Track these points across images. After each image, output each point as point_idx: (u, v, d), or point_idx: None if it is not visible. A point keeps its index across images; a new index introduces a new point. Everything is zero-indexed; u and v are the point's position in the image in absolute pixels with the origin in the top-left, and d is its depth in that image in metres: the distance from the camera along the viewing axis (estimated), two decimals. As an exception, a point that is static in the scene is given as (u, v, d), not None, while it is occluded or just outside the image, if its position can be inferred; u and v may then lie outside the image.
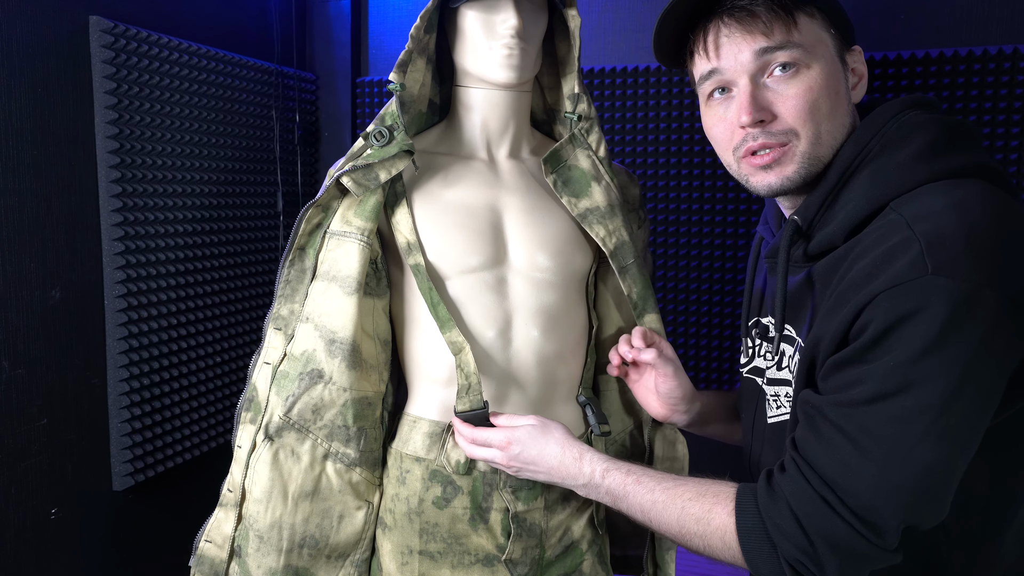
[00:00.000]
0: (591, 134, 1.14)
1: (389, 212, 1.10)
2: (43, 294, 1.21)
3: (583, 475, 0.96)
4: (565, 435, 1.01)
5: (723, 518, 0.83)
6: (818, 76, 0.85)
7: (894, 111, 0.85)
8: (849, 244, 0.82)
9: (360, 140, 1.08)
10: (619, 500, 0.93)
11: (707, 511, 0.84)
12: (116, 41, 1.26)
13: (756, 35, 0.86)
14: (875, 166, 0.83)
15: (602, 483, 0.95)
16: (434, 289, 1.06)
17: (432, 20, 1.09)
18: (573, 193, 1.11)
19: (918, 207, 0.77)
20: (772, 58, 0.86)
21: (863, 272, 0.77)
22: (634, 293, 1.11)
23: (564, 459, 0.98)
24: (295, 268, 1.09)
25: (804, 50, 0.86)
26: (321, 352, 1.05)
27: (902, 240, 0.75)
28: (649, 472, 0.93)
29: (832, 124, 0.86)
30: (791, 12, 0.86)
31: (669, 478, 0.91)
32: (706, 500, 0.85)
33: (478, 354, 1.08)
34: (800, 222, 0.88)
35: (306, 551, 1.07)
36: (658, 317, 1.14)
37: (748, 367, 1.03)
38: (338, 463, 1.08)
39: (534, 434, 1.01)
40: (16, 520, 1.19)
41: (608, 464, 0.96)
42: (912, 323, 0.71)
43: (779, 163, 0.87)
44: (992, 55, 1.35)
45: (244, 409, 1.10)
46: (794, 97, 0.85)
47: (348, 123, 1.81)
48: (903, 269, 0.73)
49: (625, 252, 1.11)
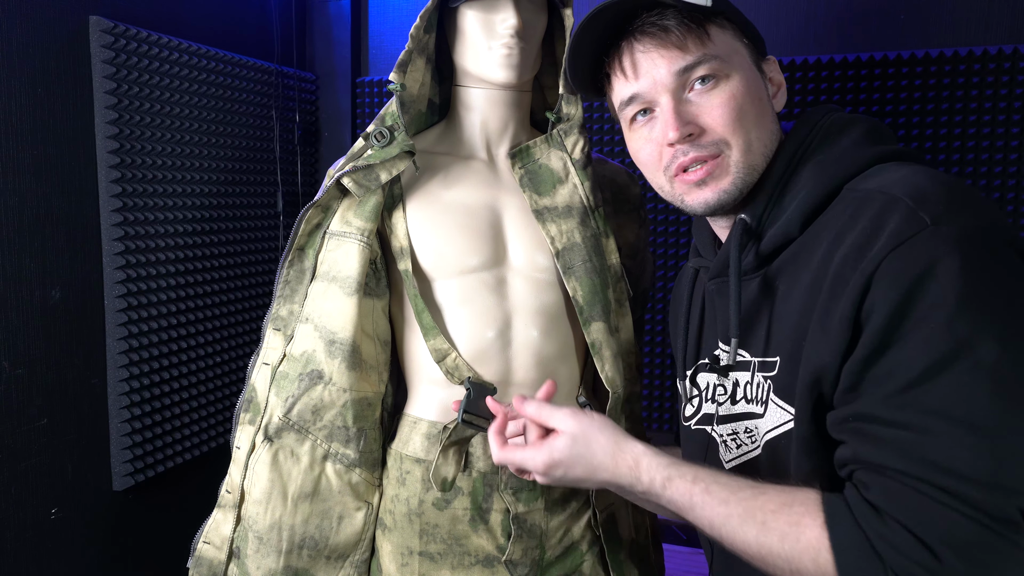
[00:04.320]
0: (569, 136, 1.12)
1: (387, 214, 1.10)
2: (43, 294, 1.21)
3: (641, 483, 0.82)
4: (612, 437, 0.85)
5: (814, 532, 0.69)
6: (739, 84, 0.84)
7: (823, 112, 0.87)
8: (812, 230, 0.78)
9: (360, 140, 1.08)
10: (686, 512, 0.79)
11: (794, 525, 0.70)
12: (116, 41, 1.26)
13: (672, 51, 0.84)
14: (819, 155, 0.82)
15: (663, 494, 0.80)
16: (419, 296, 1.06)
17: (432, 20, 1.09)
18: (536, 190, 1.10)
19: (881, 180, 0.75)
20: (691, 73, 0.84)
21: (855, 246, 0.71)
22: (579, 297, 1.08)
23: (618, 470, 0.83)
24: (294, 268, 1.09)
25: (721, 60, 0.84)
26: (321, 353, 1.05)
27: (886, 203, 0.71)
28: (720, 478, 0.78)
29: (760, 131, 0.85)
30: (702, 24, 0.84)
31: (746, 485, 0.76)
32: (793, 512, 0.71)
33: (478, 354, 1.08)
34: (749, 220, 0.84)
35: (306, 552, 1.07)
36: (605, 327, 1.08)
37: (696, 418, 0.93)
38: (337, 464, 1.08)
39: (576, 449, 0.86)
40: (16, 520, 1.19)
41: (670, 471, 0.80)
42: (933, 280, 0.66)
43: (714, 176, 0.84)
44: (992, 55, 1.35)
45: (243, 410, 1.10)
46: (719, 107, 0.83)
47: (348, 123, 1.81)
48: (900, 226, 0.68)
49: (573, 255, 1.08)
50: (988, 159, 1.37)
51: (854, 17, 1.48)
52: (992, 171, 1.37)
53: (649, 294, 1.37)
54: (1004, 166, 1.36)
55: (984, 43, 1.39)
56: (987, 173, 1.37)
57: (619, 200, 1.22)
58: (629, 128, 0.92)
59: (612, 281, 1.12)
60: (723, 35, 0.86)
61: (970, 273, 0.65)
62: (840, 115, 0.86)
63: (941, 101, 1.38)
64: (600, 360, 1.08)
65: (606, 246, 1.13)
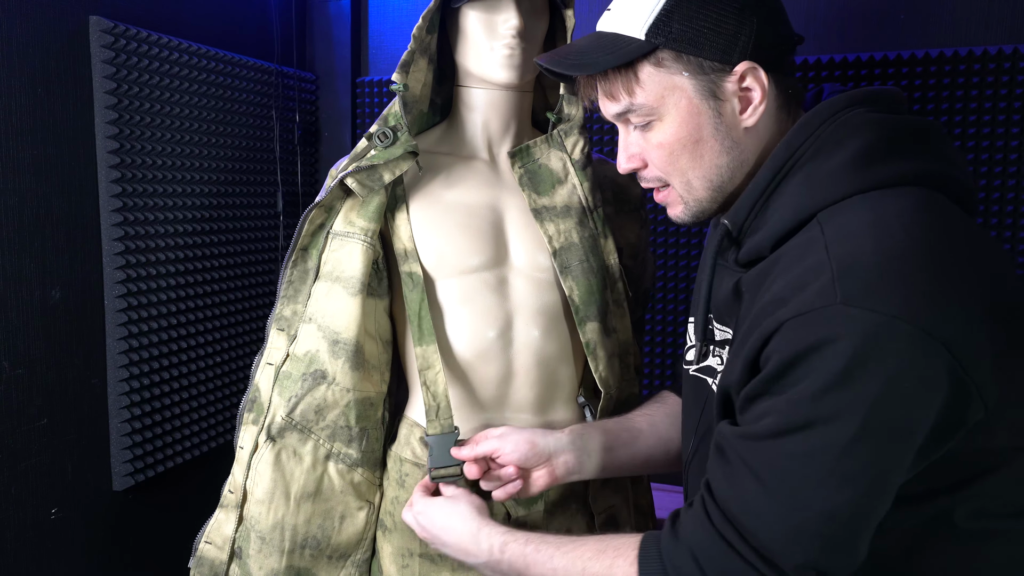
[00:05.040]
0: (569, 136, 1.12)
1: (389, 216, 1.10)
2: (43, 294, 1.21)
3: (482, 552, 0.91)
4: (472, 509, 0.96)
5: (625, 570, 0.78)
6: (671, 127, 0.82)
7: (834, 110, 0.79)
8: (775, 255, 0.78)
9: (363, 141, 1.08)
10: (523, 572, 0.87)
11: (608, 567, 0.79)
12: (116, 41, 1.26)
13: (605, 100, 0.86)
14: (806, 171, 0.78)
15: (502, 558, 0.89)
16: (424, 301, 1.06)
17: (434, 20, 1.09)
18: (535, 190, 1.11)
19: (840, 224, 0.72)
20: (626, 117, 0.86)
21: (776, 296, 0.72)
22: (575, 296, 1.09)
23: (462, 535, 0.94)
24: (298, 269, 1.09)
25: (649, 108, 0.83)
26: (324, 353, 1.05)
27: (815, 263, 0.70)
28: (549, 538, 0.87)
29: (700, 170, 0.83)
30: (633, 66, 0.82)
31: (569, 541, 0.85)
32: (607, 556, 0.80)
33: (480, 353, 1.08)
34: (730, 227, 0.83)
35: (308, 552, 1.07)
36: (600, 327, 1.10)
37: (697, 365, 0.94)
38: (340, 464, 1.08)
39: (444, 507, 0.97)
40: (16, 520, 1.19)
41: (506, 537, 0.90)
42: (818, 356, 0.67)
43: (668, 203, 0.88)
44: (992, 55, 1.35)
45: (246, 410, 1.10)
46: (655, 149, 0.84)
47: (348, 123, 1.81)
48: (811, 296, 0.68)
49: (570, 254, 1.09)
50: (988, 159, 1.37)
51: (854, 17, 1.48)
52: (992, 171, 1.37)
53: (650, 294, 1.37)
54: (1004, 166, 1.36)
55: (984, 43, 1.39)
56: (987, 173, 1.37)
57: (620, 200, 1.22)
58: None
59: (610, 282, 1.13)
60: (656, 74, 0.82)
61: (852, 361, 0.66)
62: (851, 117, 0.78)
63: (941, 101, 1.38)
64: (594, 360, 1.09)
65: (604, 246, 1.13)
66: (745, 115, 0.82)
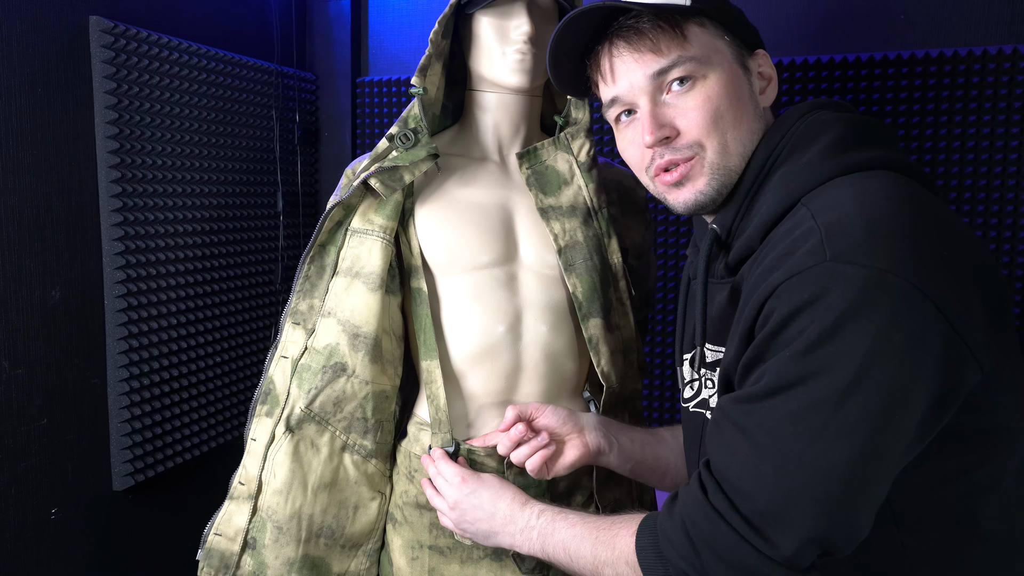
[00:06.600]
0: (576, 139, 1.15)
1: (404, 214, 1.13)
2: (43, 294, 1.21)
3: (524, 517, 0.95)
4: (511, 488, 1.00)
5: (626, 540, 0.80)
6: (716, 85, 0.84)
7: (803, 111, 0.84)
8: (766, 241, 0.80)
9: (384, 142, 1.11)
10: (548, 537, 0.91)
11: (614, 536, 0.82)
12: (116, 41, 1.26)
13: (646, 55, 0.85)
14: (787, 166, 0.81)
15: (536, 524, 0.93)
16: (428, 317, 1.10)
17: (448, 26, 1.12)
18: (542, 190, 1.14)
19: (824, 199, 0.75)
20: (667, 76, 0.84)
21: (768, 266, 0.74)
22: (579, 293, 1.11)
23: (515, 499, 0.98)
24: (315, 264, 1.12)
25: (697, 62, 0.84)
26: (345, 346, 1.08)
27: (804, 231, 0.72)
28: (579, 512, 0.92)
29: (739, 131, 0.85)
30: (679, 25, 0.84)
31: (593, 516, 0.90)
32: (616, 526, 0.83)
33: (489, 348, 1.10)
34: (719, 230, 0.86)
35: (323, 541, 1.11)
36: (603, 324, 1.12)
37: (695, 401, 0.96)
38: (355, 455, 1.11)
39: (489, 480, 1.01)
40: (16, 520, 1.19)
41: (545, 505, 0.95)
42: (809, 312, 0.68)
43: (689, 178, 0.86)
44: (992, 55, 1.35)
45: (260, 402, 1.12)
46: (695, 109, 0.84)
47: (348, 123, 1.81)
48: (801, 258, 0.70)
49: (575, 252, 1.12)
50: (988, 159, 1.37)
51: (854, 17, 1.48)
52: (992, 171, 1.37)
53: (654, 295, 1.37)
54: (1004, 166, 1.36)
55: (984, 43, 1.39)
56: (987, 173, 1.37)
57: (626, 202, 1.24)
58: (616, 128, 0.94)
59: (613, 280, 1.15)
60: (702, 34, 0.85)
61: (844, 314, 0.66)
62: (818, 116, 0.83)
63: (941, 101, 1.38)
64: (596, 355, 1.12)
65: (608, 246, 1.16)
66: (765, 93, 0.89)
